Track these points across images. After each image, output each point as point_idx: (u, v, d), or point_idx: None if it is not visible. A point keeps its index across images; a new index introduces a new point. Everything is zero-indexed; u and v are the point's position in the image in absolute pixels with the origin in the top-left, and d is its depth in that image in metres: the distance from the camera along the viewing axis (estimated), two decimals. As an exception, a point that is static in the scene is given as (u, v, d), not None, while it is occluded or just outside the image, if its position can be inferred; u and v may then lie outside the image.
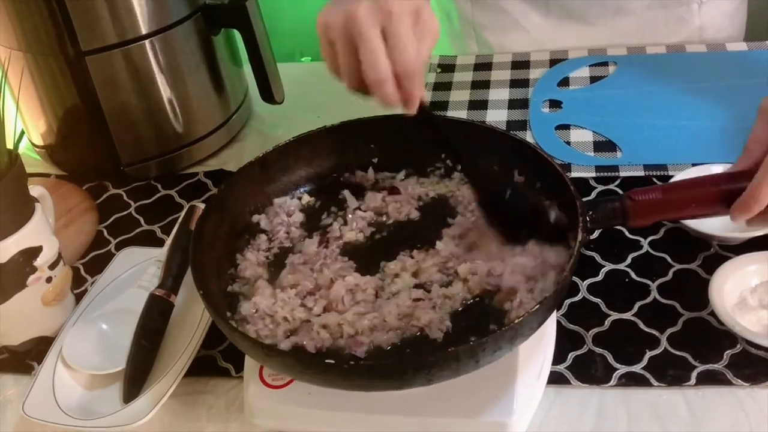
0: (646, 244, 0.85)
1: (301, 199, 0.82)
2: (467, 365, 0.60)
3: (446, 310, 0.69)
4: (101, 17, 0.95)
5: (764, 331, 0.72)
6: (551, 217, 0.72)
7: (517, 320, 0.59)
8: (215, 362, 0.79)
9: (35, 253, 0.78)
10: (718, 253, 0.83)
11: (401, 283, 0.72)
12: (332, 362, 0.61)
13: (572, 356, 0.75)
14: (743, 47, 1.15)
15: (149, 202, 1.04)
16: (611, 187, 0.93)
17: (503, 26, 1.23)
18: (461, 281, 0.71)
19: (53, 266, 0.81)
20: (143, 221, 1.00)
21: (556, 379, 0.73)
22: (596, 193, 0.93)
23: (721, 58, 1.13)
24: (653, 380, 0.72)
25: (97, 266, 0.92)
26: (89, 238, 0.98)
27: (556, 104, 1.09)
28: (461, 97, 1.13)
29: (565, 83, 1.13)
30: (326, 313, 0.70)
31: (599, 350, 0.75)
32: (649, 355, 0.73)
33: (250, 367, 0.71)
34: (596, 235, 0.86)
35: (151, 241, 0.96)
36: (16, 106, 1.06)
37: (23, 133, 1.09)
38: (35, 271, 0.79)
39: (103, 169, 1.07)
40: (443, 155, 0.83)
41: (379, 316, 0.68)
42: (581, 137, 1.02)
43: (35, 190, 0.83)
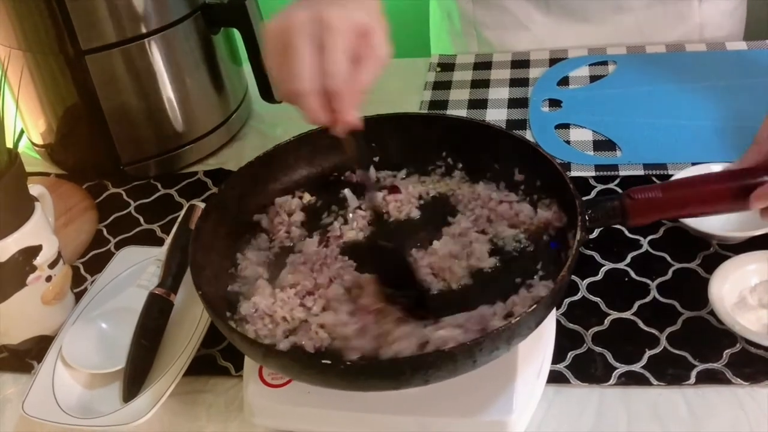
0: (645, 243, 0.85)
1: (302, 198, 0.82)
2: (464, 365, 0.60)
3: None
4: (101, 16, 0.95)
5: (764, 330, 0.72)
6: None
7: (514, 320, 0.59)
8: (215, 361, 0.79)
9: (35, 252, 0.78)
10: (717, 252, 0.83)
11: None
12: (329, 362, 0.61)
13: (572, 355, 0.75)
14: (743, 46, 1.15)
15: (149, 201, 1.04)
16: (611, 186, 0.93)
17: (504, 24, 1.23)
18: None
19: (53, 265, 0.81)
20: (143, 220, 1.00)
21: (555, 378, 0.73)
22: (596, 192, 0.93)
23: (720, 57, 1.13)
24: (653, 379, 0.72)
25: (96, 265, 0.92)
26: (89, 237, 0.98)
27: (555, 103, 1.09)
28: (461, 96, 1.13)
29: (564, 82, 1.13)
30: (324, 312, 0.70)
31: (599, 349, 0.75)
32: (648, 354, 0.73)
33: (249, 366, 0.71)
34: (596, 234, 0.86)
35: (150, 240, 0.96)
36: (15, 105, 1.06)
37: (23, 132, 1.09)
38: (35, 270, 0.79)
39: (102, 168, 1.07)
40: (444, 154, 0.83)
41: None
42: (581, 136, 1.02)
43: (35, 189, 0.83)
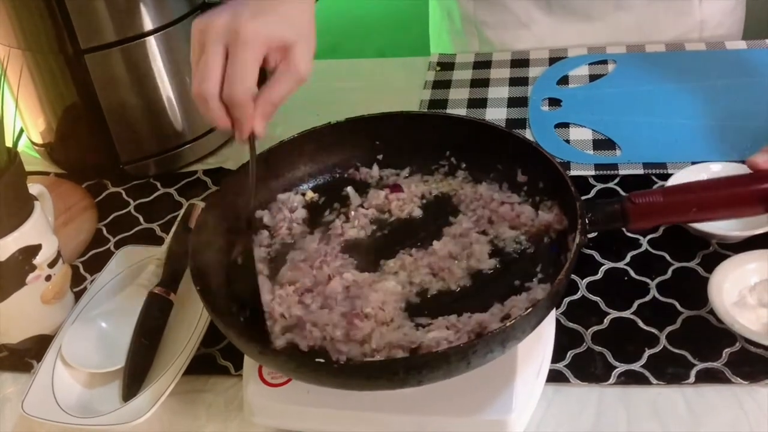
0: (645, 242, 0.85)
1: (304, 195, 0.82)
2: (458, 367, 0.60)
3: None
4: (100, 15, 0.95)
5: (763, 329, 0.72)
6: None
7: (509, 323, 0.59)
8: (214, 360, 0.79)
9: (34, 251, 0.78)
10: (717, 251, 0.83)
11: (397, 281, 0.72)
12: (322, 362, 0.60)
13: (571, 354, 0.75)
14: (742, 46, 1.15)
15: (148, 200, 1.04)
16: (610, 185, 0.93)
17: (505, 23, 1.23)
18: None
19: (52, 264, 0.81)
20: (142, 219, 1.00)
21: (555, 377, 0.73)
22: (595, 191, 0.93)
23: (720, 56, 1.13)
24: (652, 378, 0.72)
25: (96, 264, 0.92)
26: (88, 236, 0.98)
27: (555, 102, 1.09)
28: (460, 95, 1.13)
29: (564, 81, 1.13)
30: (320, 310, 0.70)
31: (598, 348, 0.75)
32: (648, 353, 0.73)
33: (249, 365, 0.71)
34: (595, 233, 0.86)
35: (150, 239, 0.96)
36: (15, 104, 1.05)
37: (22, 131, 1.09)
38: (34, 269, 0.79)
39: (102, 167, 1.07)
40: (448, 153, 0.83)
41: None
42: (580, 135, 1.02)
43: (34, 188, 0.83)
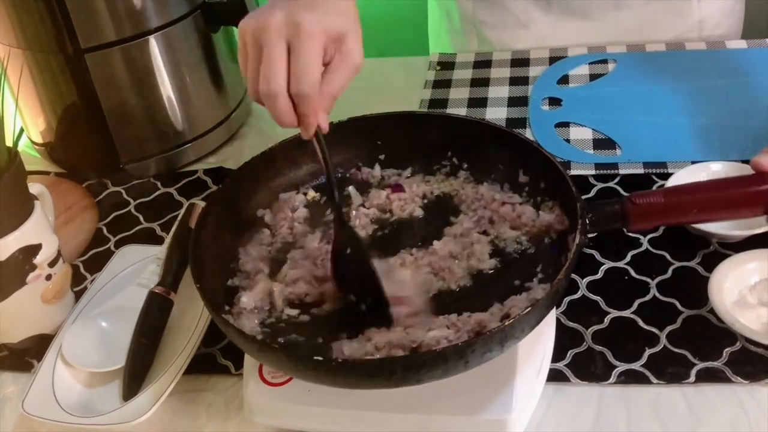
0: (645, 241, 0.85)
1: (306, 194, 0.82)
2: (456, 366, 0.60)
3: None
4: (100, 15, 0.95)
5: (763, 328, 0.72)
6: None
7: (507, 322, 0.59)
8: (215, 360, 0.79)
9: (35, 250, 0.78)
10: (717, 250, 0.83)
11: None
12: (320, 359, 0.60)
13: (572, 354, 0.75)
14: (743, 45, 1.15)
15: (149, 199, 1.04)
16: (611, 184, 0.93)
17: (504, 23, 1.22)
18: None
19: (53, 264, 0.81)
20: (143, 219, 1.00)
21: (555, 376, 0.73)
22: (596, 190, 0.93)
23: (720, 56, 1.13)
24: (653, 378, 0.72)
25: (96, 264, 0.92)
26: (89, 235, 0.98)
27: (555, 102, 1.09)
28: (461, 94, 1.13)
29: (564, 81, 1.13)
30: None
31: (599, 348, 0.75)
32: (648, 352, 0.73)
33: (249, 364, 0.71)
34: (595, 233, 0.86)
35: (150, 238, 0.96)
36: (15, 103, 1.05)
37: (22, 130, 1.09)
38: (35, 268, 0.79)
39: (102, 166, 1.07)
40: (450, 153, 0.83)
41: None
42: (581, 135, 1.02)
43: (34, 187, 0.83)
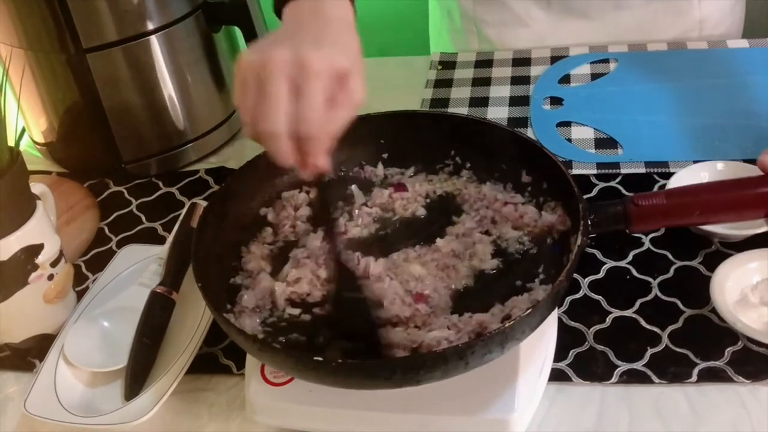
0: (647, 241, 0.85)
1: (309, 193, 0.82)
2: (456, 367, 0.60)
3: None
4: (102, 15, 0.95)
5: (765, 328, 0.72)
6: None
7: (508, 324, 0.59)
8: (217, 360, 0.79)
9: (37, 250, 0.78)
10: (719, 250, 0.83)
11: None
12: (320, 359, 0.60)
13: (573, 353, 0.75)
14: (744, 44, 1.15)
15: (150, 199, 1.04)
16: (612, 184, 0.93)
17: (505, 21, 1.22)
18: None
19: (55, 264, 0.81)
20: (144, 219, 1.00)
21: (557, 376, 0.73)
22: (597, 190, 0.93)
23: (722, 55, 1.13)
24: (654, 377, 0.72)
25: (98, 264, 0.93)
26: (90, 235, 0.98)
27: (557, 101, 1.09)
28: (462, 94, 1.13)
29: (566, 80, 1.12)
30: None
31: (600, 347, 0.75)
32: (650, 352, 0.73)
33: (251, 364, 0.71)
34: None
35: (152, 238, 0.97)
36: (17, 103, 1.06)
37: (24, 130, 1.09)
38: (37, 268, 0.79)
39: (104, 166, 1.07)
40: (452, 153, 0.83)
41: None
42: (582, 134, 1.02)
43: (36, 187, 0.83)
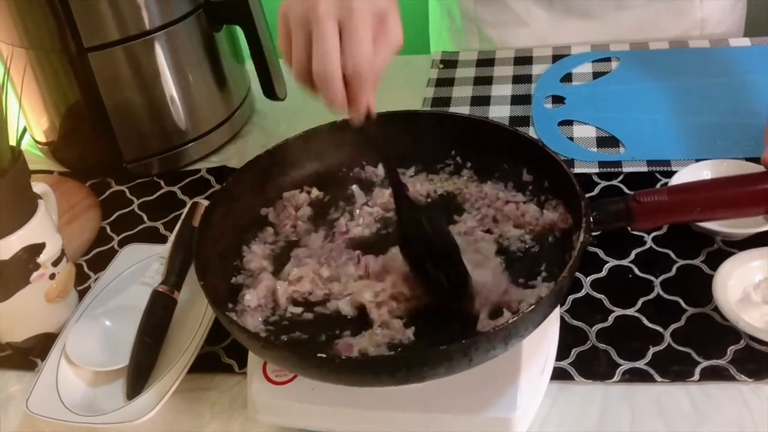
0: (649, 239, 0.85)
1: (309, 192, 0.82)
2: (460, 364, 0.60)
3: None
4: (103, 14, 0.95)
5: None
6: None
7: (511, 320, 0.59)
8: (219, 359, 0.79)
9: (38, 249, 0.78)
10: (721, 248, 0.83)
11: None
12: (324, 356, 0.60)
13: (576, 352, 0.75)
14: (746, 43, 1.15)
15: (152, 198, 1.04)
16: (614, 183, 0.93)
17: (505, 21, 1.22)
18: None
19: (56, 263, 0.81)
20: (146, 218, 1.00)
21: (559, 374, 0.73)
22: (599, 188, 0.93)
23: (723, 53, 1.13)
24: (657, 376, 0.71)
25: (100, 263, 0.93)
26: (92, 234, 0.98)
27: (558, 100, 1.09)
28: (464, 93, 1.13)
29: (567, 79, 1.12)
30: (317, 306, 0.70)
31: (603, 346, 0.75)
32: (652, 350, 0.73)
33: (253, 363, 0.71)
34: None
35: (154, 237, 0.97)
36: (18, 102, 1.05)
37: (26, 130, 1.09)
38: (38, 267, 0.79)
39: (105, 165, 1.07)
40: (453, 152, 0.82)
41: None
42: (584, 133, 1.02)
43: (38, 186, 0.83)
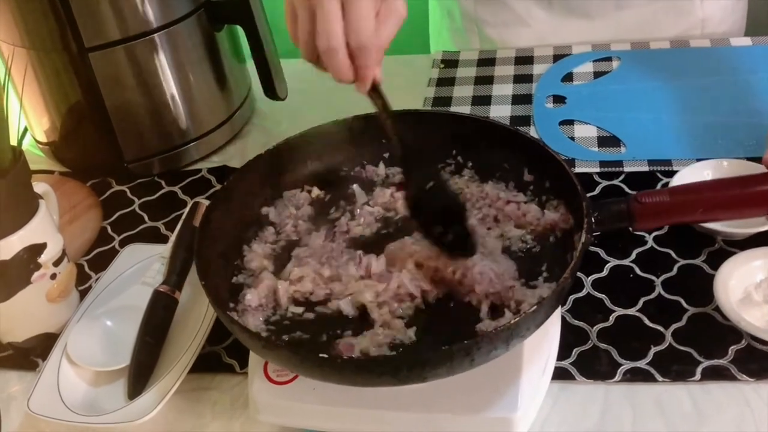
0: (650, 239, 0.85)
1: (310, 192, 0.82)
2: (462, 364, 0.60)
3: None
4: (104, 13, 0.95)
5: (769, 326, 0.72)
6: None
7: (513, 321, 0.59)
8: (220, 358, 0.80)
9: (39, 249, 0.78)
10: (722, 248, 0.83)
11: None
12: (326, 356, 0.60)
13: (577, 352, 0.75)
14: (747, 42, 1.14)
15: (153, 198, 1.04)
16: (615, 182, 0.93)
17: (505, 21, 1.22)
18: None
19: (57, 263, 0.81)
20: (147, 218, 1.00)
21: (560, 374, 0.73)
22: (600, 188, 0.93)
23: (725, 53, 1.13)
24: (658, 376, 0.71)
25: (101, 263, 0.93)
26: (93, 234, 0.98)
27: (559, 100, 1.09)
28: (464, 92, 1.13)
29: (568, 78, 1.12)
30: (319, 306, 0.70)
31: (604, 346, 0.75)
32: (653, 350, 0.73)
33: (254, 363, 0.71)
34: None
35: (155, 237, 0.97)
36: (19, 102, 1.05)
37: (27, 130, 1.09)
38: (39, 267, 0.79)
39: (106, 165, 1.07)
40: (454, 152, 0.82)
41: None
42: (585, 132, 1.02)
43: (39, 186, 0.83)
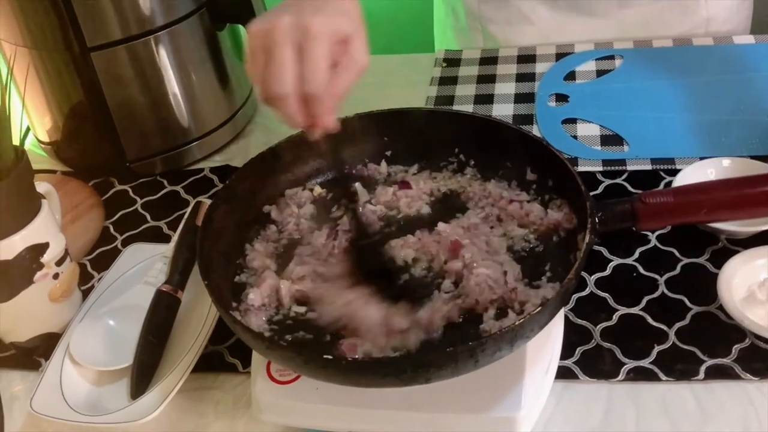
0: (653, 238, 0.85)
1: (312, 190, 0.82)
2: (466, 365, 0.60)
3: None
4: (106, 13, 0.95)
5: (773, 325, 0.72)
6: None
7: (518, 321, 0.59)
8: (222, 358, 0.79)
9: (42, 249, 0.78)
10: (726, 246, 0.82)
11: None
12: (330, 358, 0.60)
13: (580, 351, 0.74)
14: (751, 40, 1.14)
15: (155, 198, 1.04)
16: (618, 181, 0.93)
17: (509, 19, 1.22)
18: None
19: (60, 262, 0.81)
20: (149, 217, 1.00)
21: (564, 374, 0.72)
22: (603, 187, 0.93)
23: (728, 51, 1.13)
24: (661, 375, 0.71)
25: (103, 262, 0.93)
26: (96, 234, 0.98)
27: (562, 98, 1.08)
28: (467, 91, 1.13)
29: (571, 77, 1.12)
30: (319, 306, 0.70)
31: (607, 345, 0.75)
32: (657, 349, 0.73)
33: (257, 362, 0.71)
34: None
35: (157, 237, 0.97)
36: (21, 102, 1.05)
37: (29, 129, 1.09)
38: (42, 267, 0.79)
39: (109, 165, 1.07)
40: (456, 150, 0.82)
41: None
42: (588, 131, 1.02)
43: (41, 186, 0.83)
